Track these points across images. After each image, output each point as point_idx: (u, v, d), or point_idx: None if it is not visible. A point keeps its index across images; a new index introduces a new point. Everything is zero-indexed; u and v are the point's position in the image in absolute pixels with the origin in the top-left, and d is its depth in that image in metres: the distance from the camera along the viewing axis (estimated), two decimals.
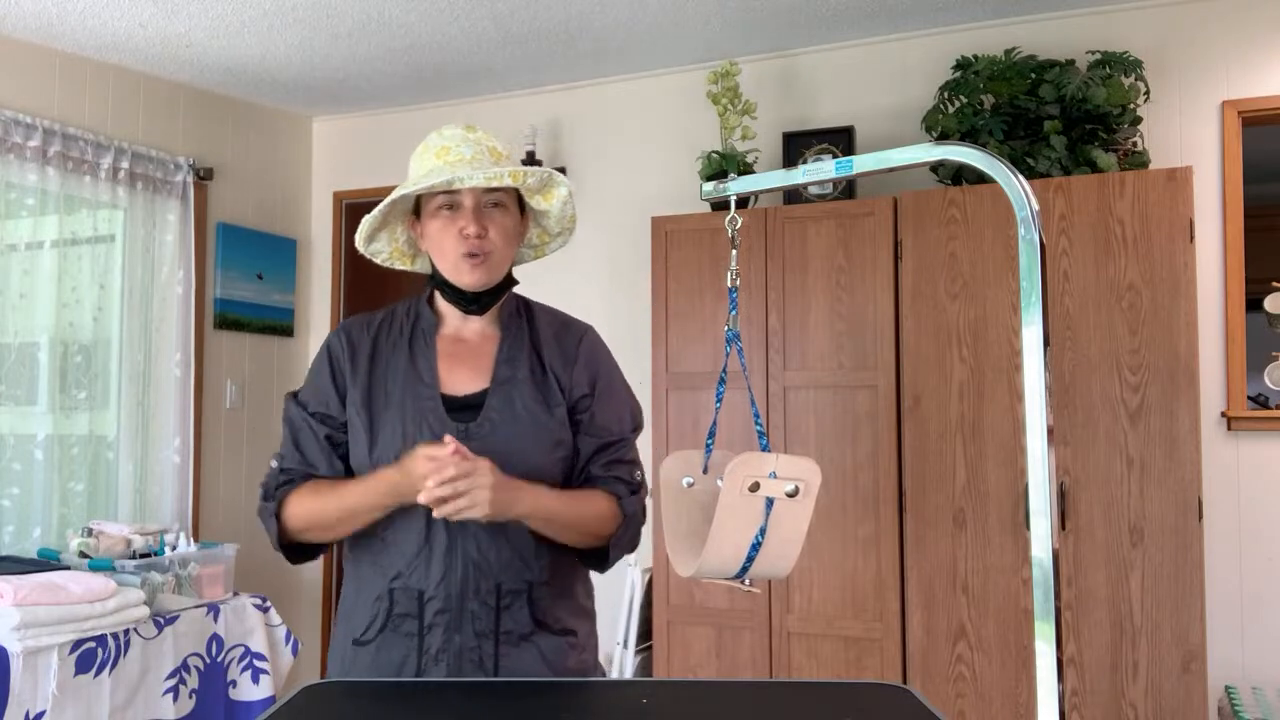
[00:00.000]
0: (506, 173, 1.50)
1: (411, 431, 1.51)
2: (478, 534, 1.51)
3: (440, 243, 1.55)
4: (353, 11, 3.48)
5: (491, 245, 1.54)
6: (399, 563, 1.52)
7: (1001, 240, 3.10)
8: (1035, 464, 0.97)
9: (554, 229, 1.67)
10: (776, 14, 3.54)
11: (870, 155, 1.13)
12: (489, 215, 1.54)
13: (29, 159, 3.55)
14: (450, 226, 1.53)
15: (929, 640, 3.10)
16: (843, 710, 1.25)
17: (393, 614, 1.51)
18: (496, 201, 1.55)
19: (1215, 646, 3.16)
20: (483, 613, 1.50)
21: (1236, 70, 3.33)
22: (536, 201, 1.61)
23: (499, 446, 1.49)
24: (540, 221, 1.66)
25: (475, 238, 1.52)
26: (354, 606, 1.57)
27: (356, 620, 1.55)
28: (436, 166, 1.53)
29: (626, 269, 4.13)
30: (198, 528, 4.14)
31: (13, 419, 3.54)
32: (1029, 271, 1.00)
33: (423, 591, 1.50)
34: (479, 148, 1.55)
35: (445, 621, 1.50)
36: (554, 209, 1.62)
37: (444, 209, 1.54)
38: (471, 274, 1.54)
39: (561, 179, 1.58)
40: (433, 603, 1.50)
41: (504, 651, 1.51)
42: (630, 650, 3.48)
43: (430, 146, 1.56)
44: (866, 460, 3.21)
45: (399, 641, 1.51)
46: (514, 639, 1.51)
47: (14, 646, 2.60)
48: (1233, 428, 3.24)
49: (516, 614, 1.52)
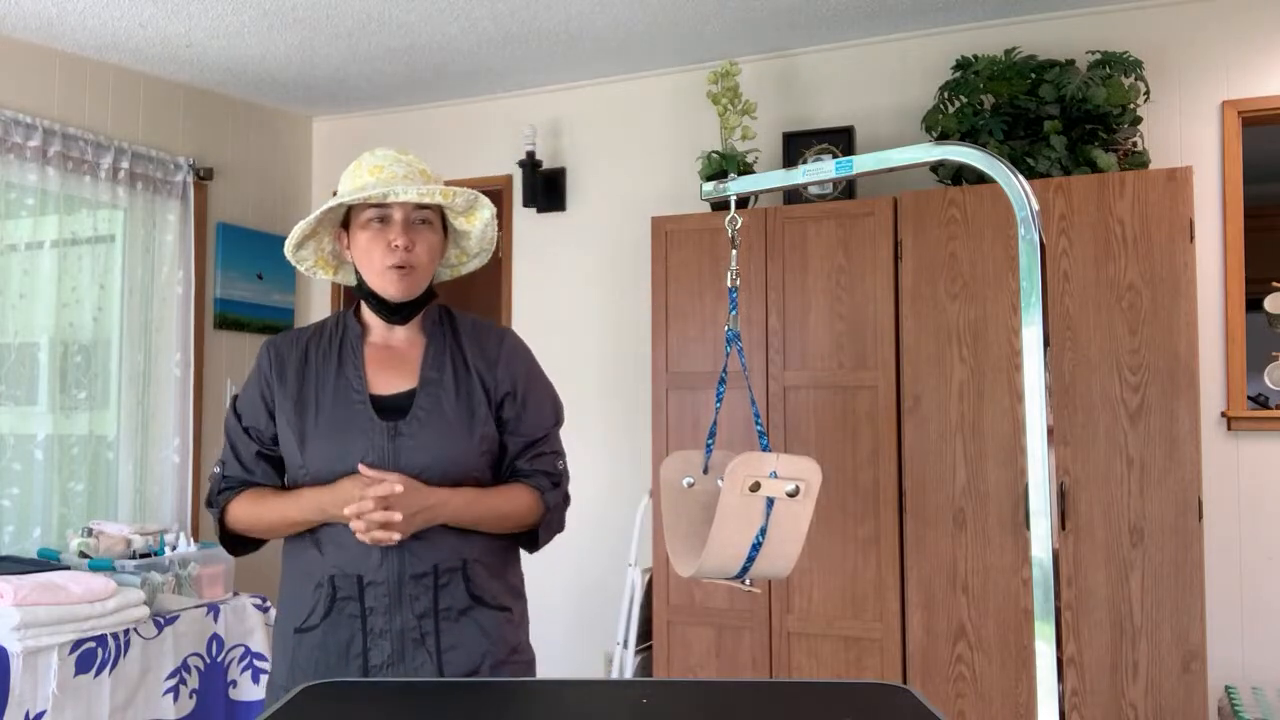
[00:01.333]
0: (438, 190, 1.60)
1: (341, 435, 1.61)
2: None
3: (369, 253, 1.63)
4: (353, 11, 3.48)
5: (417, 259, 1.63)
6: (338, 552, 1.60)
7: (1001, 240, 3.10)
8: (1035, 464, 0.97)
9: (473, 249, 1.76)
10: (776, 14, 3.54)
11: (870, 155, 1.13)
12: (417, 231, 1.64)
13: (29, 159, 3.55)
14: (380, 238, 1.62)
15: (929, 640, 3.10)
16: (843, 710, 1.25)
17: (336, 599, 1.60)
18: (425, 219, 1.65)
19: (1215, 646, 3.16)
20: (421, 593, 1.60)
21: (1236, 70, 3.33)
22: (459, 222, 1.71)
23: (427, 443, 1.60)
24: (459, 242, 1.75)
25: (404, 250, 1.61)
26: (293, 596, 1.66)
27: (297, 609, 1.64)
28: (369, 183, 1.62)
29: (626, 269, 4.13)
30: (198, 528, 4.14)
31: (13, 419, 3.54)
32: (1029, 271, 1.00)
33: (361, 576, 1.59)
34: (411, 169, 1.65)
35: (385, 605, 1.59)
36: (475, 230, 1.71)
37: (374, 221, 1.63)
38: (397, 285, 1.63)
39: (486, 202, 1.68)
40: (372, 587, 1.59)
41: (444, 628, 1.60)
42: (630, 650, 3.49)
43: (364, 164, 1.65)
44: (866, 460, 3.21)
45: (344, 623, 1.60)
46: (453, 615, 1.61)
47: (14, 646, 2.60)
48: (1233, 428, 3.24)
49: (454, 591, 1.62)
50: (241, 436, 1.69)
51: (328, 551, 1.61)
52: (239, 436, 1.70)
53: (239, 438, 1.70)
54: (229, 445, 1.71)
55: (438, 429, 1.61)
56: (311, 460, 1.61)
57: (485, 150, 4.42)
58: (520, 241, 4.33)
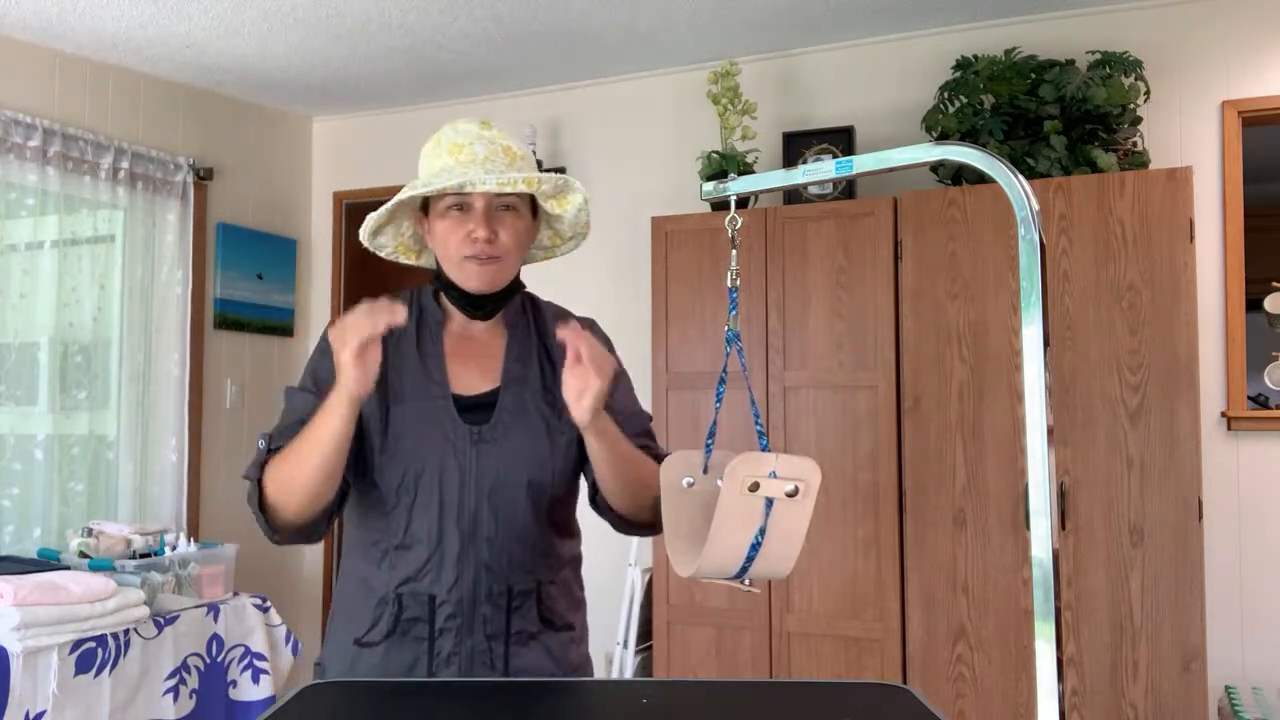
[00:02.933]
0: (521, 179, 1.43)
1: (422, 433, 1.48)
2: (490, 538, 1.48)
3: (446, 243, 1.49)
4: (353, 11, 3.48)
5: (501, 249, 1.48)
6: (408, 569, 1.48)
7: (1001, 240, 3.10)
8: (1035, 464, 0.97)
9: (567, 233, 1.62)
10: (776, 14, 3.54)
11: (870, 155, 1.12)
12: (499, 218, 1.48)
13: (29, 159, 3.55)
14: (458, 228, 1.48)
15: (929, 640, 3.10)
16: (843, 710, 1.25)
17: (401, 618, 1.48)
18: (508, 204, 1.49)
19: (1215, 646, 3.16)
20: (494, 615, 1.48)
21: (1236, 70, 3.32)
22: (550, 205, 1.54)
23: (512, 448, 1.48)
24: (553, 224, 1.60)
25: (485, 241, 1.46)
26: (355, 606, 1.53)
27: (357, 620, 1.52)
28: (448, 165, 1.48)
29: (626, 269, 4.13)
30: (198, 528, 4.14)
31: (13, 419, 3.54)
32: (1029, 271, 0.99)
33: (434, 596, 1.47)
34: (493, 147, 1.49)
35: (456, 626, 1.47)
36: (568, 214, 1.55)
37: (453, 209, 1.48)
38: (478, 278, 1.49)
39: (577, 185, 1.52)
40: (444, 607, 1.47)
41: (514, 651, 1.49)
42: (630, 650, 3.48)
43: (443, 142, 1.51)
44: (866, 460, 3.21)
45: (408, 645, 1.48)
46: (523, 639, 1.50)
47: (14, 646, 2.60)
48: (1233, 428, 3.24)
49: (526, 614, 1.50)
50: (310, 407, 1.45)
51: (396, 567, 1.48)
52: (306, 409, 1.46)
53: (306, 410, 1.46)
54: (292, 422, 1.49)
55: (523, 434, 1.49)
56: (392, 445, 1.47)
57: None
58: None
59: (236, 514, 4.38)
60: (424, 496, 1.47)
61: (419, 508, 1.47)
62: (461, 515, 1.47)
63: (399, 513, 1.48)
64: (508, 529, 1.49)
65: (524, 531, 1.50)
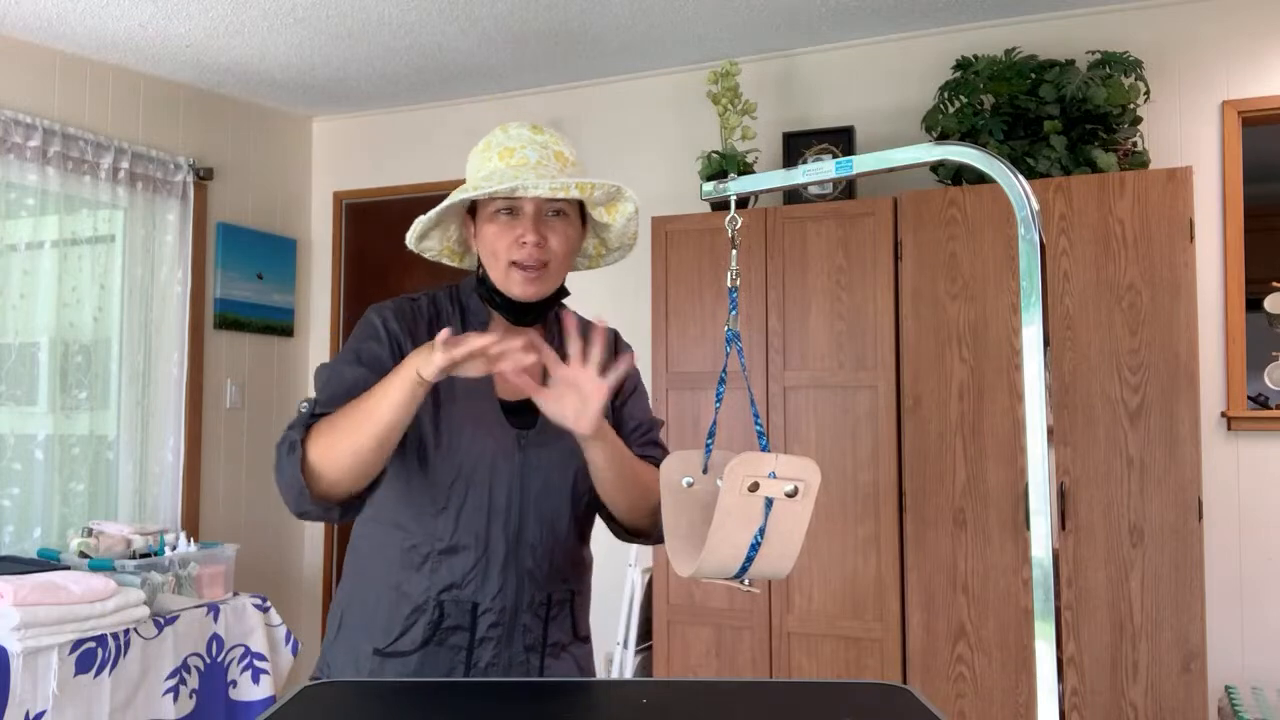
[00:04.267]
0: (574, 184, 1.41)
1: (477, 430, 1.46)
2: (534, 546, 1.47)
3: (494, 248, 1.46)
4: (353, 11, 3.48)
5: (550, 254, 1.46)
6: (452, 575, 1.45)
7: (1001, 240, 3.10)
8: (1035, 464, 0.97)
9: (614, 243, 1.60)
10: (776, 14, 3.54)
11: (870, 155, 1.12)
12: (549, 224, 1.46)
13: (29, 159, 3.55)
14: (508, 232, 1.45)
15: (929, 640, 3.10)
16: (843, 710, 1.25)
17: (441, 626, 1.45)
18: (559, 210, 1.47)
19: (1215, 646, 3.16)
20: (534, 625, 1.48)
21: (1236, 70, 3.32)
22: (599, 214, 1.52)
23: (558, 453, 1.48)
24: (600, 233, 1.59)
25: (534, 246, 1.44)
26: (378, 615, 1.48)
27: (381, 627, 1.47)
28: (499, 169, 1.45)
29: (626, 269, 4.13)
30: (198, 527, 4.14)
31: (13, 419, 3.54)
32: (1029, 271, 0.99)
33: (477, 604, 1.45)
34: (545, 151, 1.47)
35: (498, 635, 1.46)
36: (617, 224, 1.54)
37: (502, 213, 1.46)
38: (523, 286, 1.46)
39: (630, 194, 1.50)
40: (486, 615, 1.46)
41: (548, 664, 1.50)
42: (630, 650, 3.48)
43: (494, 145, 1.48)
44: (866, 460, 3.21)
45: (445, 655, 1.46)
46: (557, 650, 1.51)
47: (14, 646, 2.60)
48: (1233, 428, 3.24)
49: (561, 624, 1.51)
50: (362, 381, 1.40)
51: (439, 572, 1.45)
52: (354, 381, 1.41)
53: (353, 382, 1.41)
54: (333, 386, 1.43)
55: (567, 440, 1.44)
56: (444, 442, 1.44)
57: None
58: None
59: (236, 514, 4.38)
60: (474, 498, 1.46)
61: (468, 510, 1.46)
62: (509, 520, 1.47)
63: (448, 514, 1.46)
64: (551, 535, 1.49)
65: (564, 538, 1.50)
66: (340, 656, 1.52)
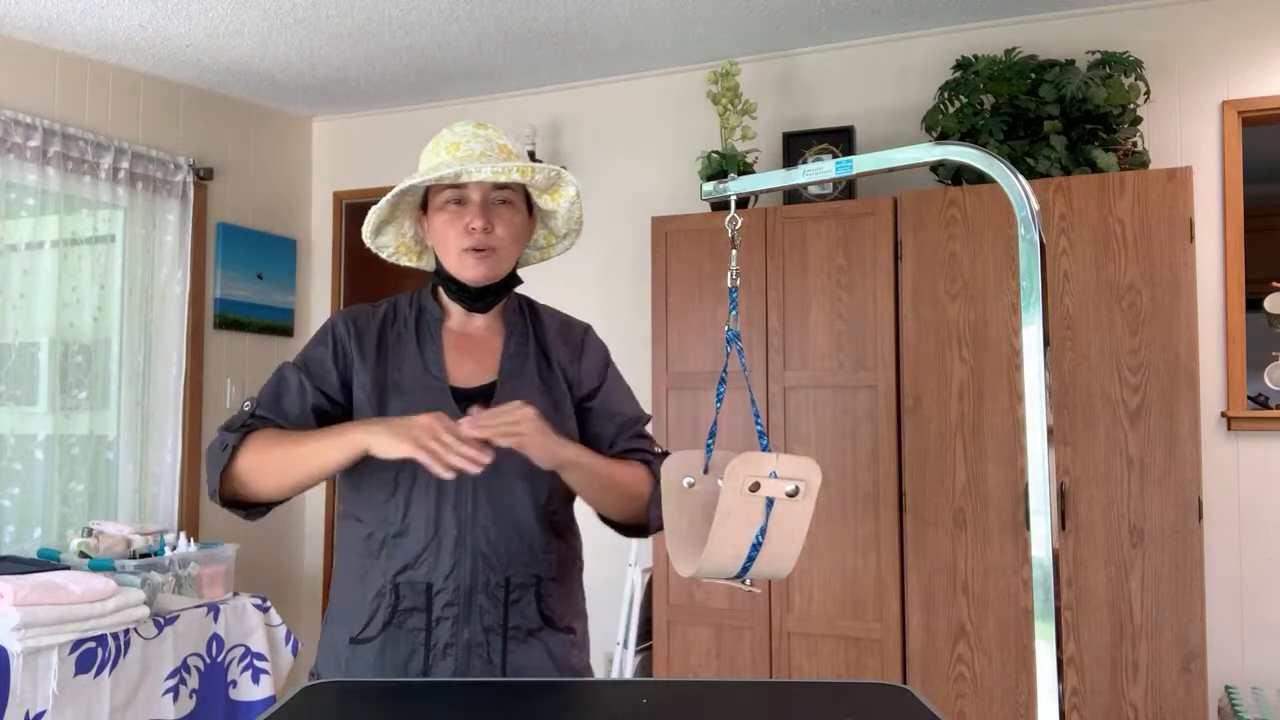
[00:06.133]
0: (515, 167, 1.49)
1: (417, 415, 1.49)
2: (487, 527, 1.50)
3: (445, 236, 1.54)
4: (353, 11, 3.48)
5: (498, 240, 1.53)
6: (405, 556, 1.49)
7: (1001, 240, 3.10)
8: (1035, 464, 0.97)
9: (560, 230, 1.66)
10: (776, 14, 3.54)
11: (870, 155, 1.12)
12: (496, 211, 1.54)
13: (29, 159, 3.55)
14: (456, 221, 1.53)
15: (929, 640, 3.10)
16: (843, 710, 1.25)
17: (398, 609, 1.49)
18: (504, 199, 1.55)
19: (1215, 646, 3.16)
20: (491, 607, 1.49)
21: (1236, 70, 3.33)
22: (544, 201, 1.60)
23: None
24: (547, 222, 1.65)
25: (481, 232, 1.51)
26: (350, 604, 1.54)
27: (353, 617, 1.52)
28: (446, 161, 1.53)
29: (626, 269, 4.13)
30: (198, 527, 4.14)
31: (13, 419, 3.54)
32: (1029, 271, 1.00)
33: (431, 584, 1.48)
34: (489, 144, 1.55)
35: (454, 615, 1.48)
36: (561, 209, 1.61)
37: (451, 203, 1.53)
38: (475, 268, 1.53)
39: (570, 178, 1.57)
40: (441, 595, 1.48)
41: (511, 647, 1.50)
42: (630, 650, 3.48)
43: (441, 141, 1.56)
44: (866, 460, 3.21)
45: (405, 637, 1.49)
46: (521, 635, 1.51)
47: (14, 646, 2.60)
48: (1233, 428, 3.24)
49: (525, 609, 1.51)
50: (300, 387, 1.53)
51: (394, 556, 1.50)
52: (296, 386, 1.53)
53: (295, 386, 1.53)
54: (273, 392, 1.54)
55: None
56: None
57: None
58: None
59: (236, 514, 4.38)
60: (423, 481, 1.48)
61: (417, 492, 1.50)
62: (460, 502, 1.49)
63: (397, 499, 1.51)
64: (506, 519, 1.51)
65: (521, 523, 1.52)
66: (324, 651, 1.57)
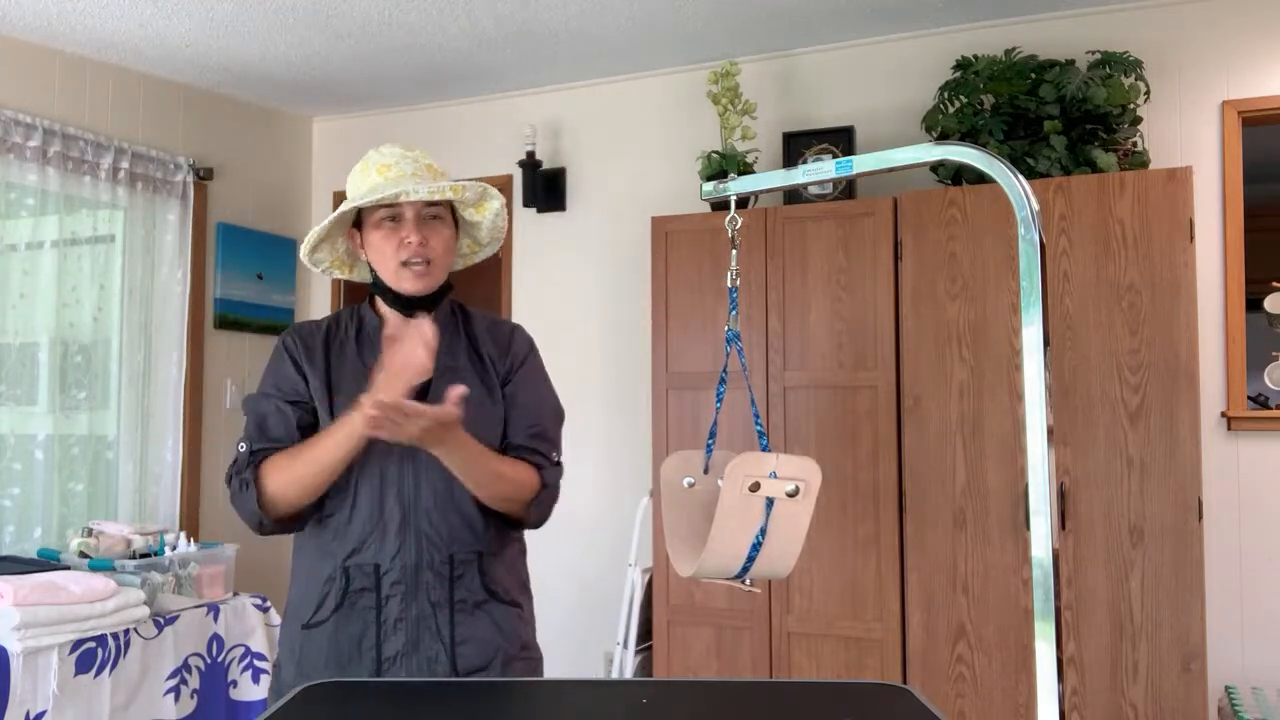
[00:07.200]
0: (448, 186, 1.63)
1: None
2: (429, 510, 1.63)
3: (383, 252, 1.67)
4: (353, 11, 3.48)
5: (433, 253, 1.67)
6: (352, 541, 1.62)
7: (1001, 240, 3.10)
8: (1035, 464, 0.97)
9: (484, 239, 1.81)
10: (776, 14, 3.54)
11: (870, 155, 1.13)
12: (429, 226, 1.67)
13: (29, 159, 3.55)
14: (393, 237, 1.66)
15: (929, 640, 3.10)
16: (843, 710, 1.25)
17: (349, 590, 1.61)
18: (435, 214, 1.68)
19: (1215, 646, 3.16)
20: (437, 583, 1.62)
21: (1236, 70, 3.33)
22: (470, 214, 1.75)
23: None
24: (471, 233, 1.80)
25: (419, 245, 1.64)
26: (302, 594, 1.67)
27: (305, 605, 1.65)
28: (379, 183, 1.65)
29: (626, 269, 4.13)
30: (198, 527, 4.14)
31: (13, 419, 3.54)
32: (1029, 271, 1.00)
33: (379, 565, 1.61)
34: (418, 165, 1.68)
35: (401, 593, 1.61)
36: (486, 220, 1.76)
37: (387, 220, 1.66)
38: (414, 281, 1.66)
39: (495, 193, 1.72)
40: (389, 575, 1.61)
41: (459, 620, 1.62)
42: (630, 650, 3.49)
43: (370, 163, 1.68)
44: (866, 460, 3.21)
45: (356, 616, 1.61)
46: (468, 607, 1.63)
47: (14, 646, 2.60)
48: (1233, 428, 3.24)
49: (469, 583, 1.64)
50: (277, 410, 1.66)
51: (344, 540, 1.62)
52: (273, 410, 1.66)
53: (272, 411, 1.66)
54: (255, 425, 1.67)
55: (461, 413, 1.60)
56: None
57: (485, 150, 4.42)
58: (520, 241, 4.33)
59: (236, 514, 4.38)
60: (369, 472, 1.62)
61: (363, 482, 1.63)
62: (402, 488, 1.63)
63: (345, 491, 1.63)
64: (446, 501, 1.64)
65: (461, 504, 1.64)
66: (281, 644, 1.69)
